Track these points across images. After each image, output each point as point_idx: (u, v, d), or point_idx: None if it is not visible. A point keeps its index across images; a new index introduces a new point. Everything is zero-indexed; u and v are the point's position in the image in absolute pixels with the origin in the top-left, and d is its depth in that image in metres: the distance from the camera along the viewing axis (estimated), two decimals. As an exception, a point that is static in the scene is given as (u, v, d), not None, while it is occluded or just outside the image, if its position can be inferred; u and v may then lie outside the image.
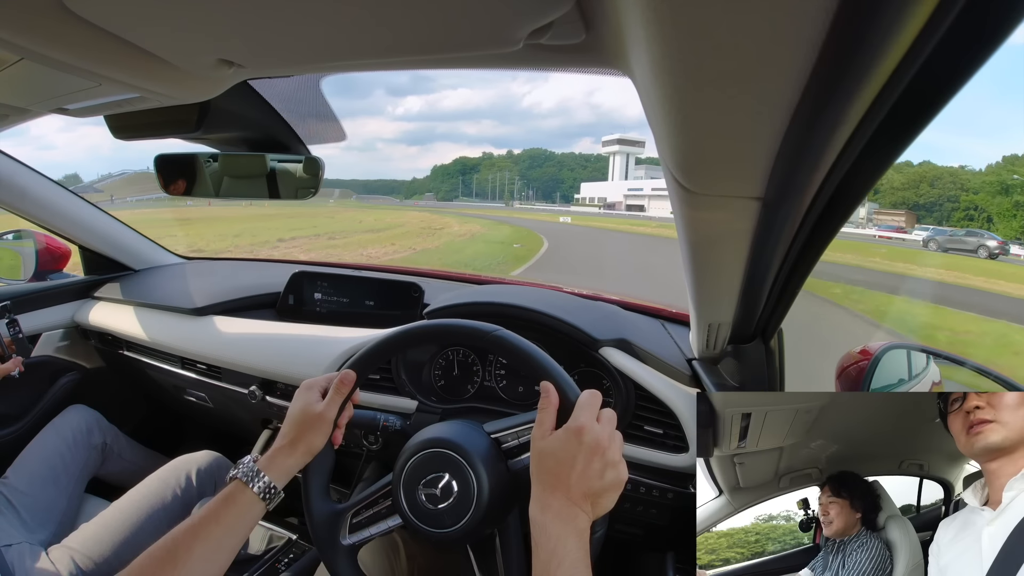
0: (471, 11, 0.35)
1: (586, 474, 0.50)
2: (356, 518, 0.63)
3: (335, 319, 1.17)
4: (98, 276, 1.44)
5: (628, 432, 0.88)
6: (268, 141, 0.83)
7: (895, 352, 0.73)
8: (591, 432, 0.51)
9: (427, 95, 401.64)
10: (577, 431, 0.51)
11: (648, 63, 0.29)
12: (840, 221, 0.42)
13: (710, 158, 0.35)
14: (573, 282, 1.28)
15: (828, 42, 0.23)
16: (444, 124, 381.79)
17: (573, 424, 0.52)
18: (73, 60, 0.47)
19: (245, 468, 0.57)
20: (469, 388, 1.02)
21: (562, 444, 0.51)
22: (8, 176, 1.19)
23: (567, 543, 0.47)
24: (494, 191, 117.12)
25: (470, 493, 0.57)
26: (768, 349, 0.75)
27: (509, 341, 0.62)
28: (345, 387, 0.63)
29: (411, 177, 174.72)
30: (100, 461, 1.21)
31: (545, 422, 0.54)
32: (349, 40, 0.42)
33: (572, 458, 0.50)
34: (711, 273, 0.58)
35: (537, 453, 0.53)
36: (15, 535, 0.95)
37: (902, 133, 0.30)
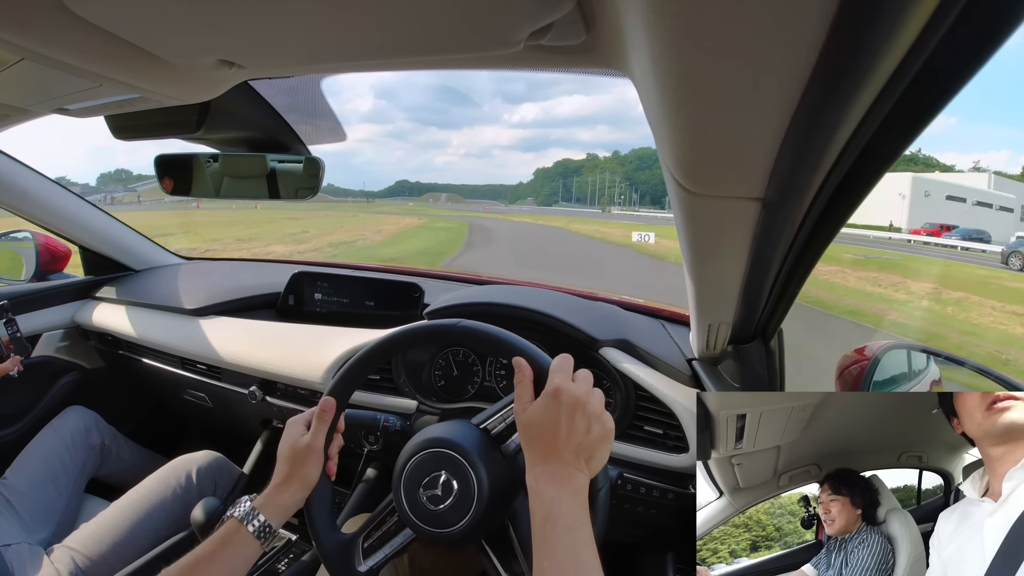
0: (471, 12, 0.36)
1: (572, 433, 0.51)
2: (367, 542, 0.63)
3: (335, 319, 1.17)
4: (98, 276, 1.44)
5: (628, 433, 0.88)
6: (268, 141, 0.82)
7: (895, 352, 0.73)
8: (567, 392, 0.52)
9: (543, 102, 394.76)
10: (554, 394, 0.52)
11: (648, 64, 0.29)
12: (840, 221, 0.42)
13: (710, 159, 0.35)
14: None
15: (828, 43, 0.23)
16: (558, 130, 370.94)
17: (549, 389, 0.53)
18: (74, 60, 0.47)
19: (242, 508, 0.58)
20: (469, 388, 1.02)
21: (543, 410, 0.52)
22: (8, 176, 1.19)
23: (561, 503, 0.48)
24: (593, 195, 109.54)
25: (470, 487, 0.57)
26: (768, 349, 0.75)
27: (474, 329, 0.62)
28: (327, 415, 0.63)
29: (517, 182, 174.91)
30: (99, 462, 1.21)
31: (523, 395, 0.55)
32: (349, 41, 0.42)
33: (555, 421, 0.51)
34: (711, 273, 0.58)
35: (522, 426, 0.54)
36: (14, 535, 0.95)
37: (902, 133, 0.30)
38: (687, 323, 0.99)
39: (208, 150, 0.86)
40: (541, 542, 0.47)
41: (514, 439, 0.60)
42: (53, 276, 1.43)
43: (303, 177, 0.85)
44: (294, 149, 0.84)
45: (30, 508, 1.02)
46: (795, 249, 0.47)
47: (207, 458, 1.14)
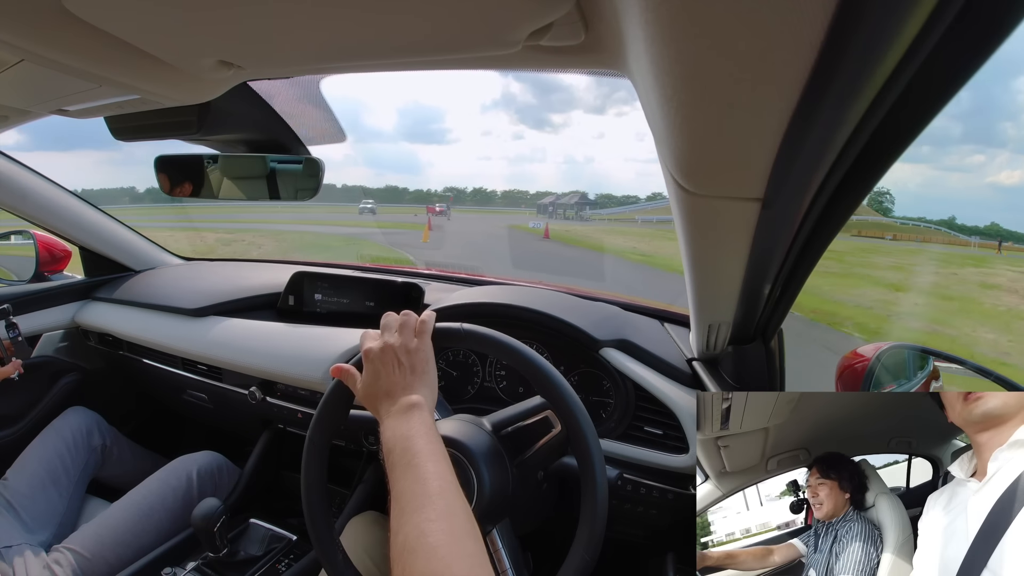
0: (471, 13, 0.35)
1: (391, 378, 0.56)
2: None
3: (335, 319, 1.17)
4: (98, 277, 1.44)
5: (628, 433, 0.88)
6: (268, 142, 0.83)
7: (894, 352, 0.73)
8: (373, 351, 0.58)
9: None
10: (364, 357, 0.58)
11: (648, 64, 0.29)
12: (840, 222, 0.42)
13: (710, 159, 0.35)
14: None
15: (827, 43, 0.23)
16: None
17: (359, 356, 0.59)
18: (73, 62, 0.47)
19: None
20: (469, 389, 1.02)
21: (365, 378, 0.58)
22: (9, 177, 1.19)
23: (412, 436, 0.50)
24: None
25: (471, 492, 0.57)
26: (768, 350, 0.75)
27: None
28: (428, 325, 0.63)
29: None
30: (100, 463, 1.21)
31: (357, 380, 0.60)
32: (348, 41, 0.42)
33: (375, 377, 0.57)
34: (711, 274, 0.58)
35: (361, 400, 0.58)
36: (15, 536, 0.95)
37: (902, 133, 0.30)
38: (687, 323, 0.99)
39: (208, 151, 0.86)
40: (391, 471, 0.49)
41: (525, 456, 0.60)
42: (53, 277, 1.43)
43: (303, 177, 0.85)
44: (294, 149, 0.84)
45: (31, 510, 1.02)
46: (795, 249, 0.47)
47: (207, 458, 1.14)
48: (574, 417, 0.57)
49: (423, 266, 2.16)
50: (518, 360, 0.60)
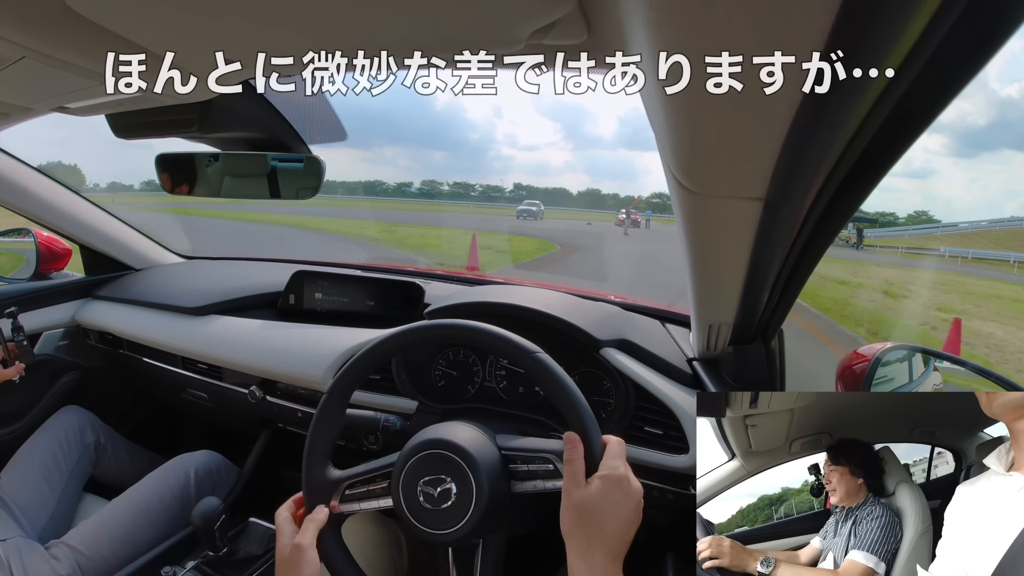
0: (473, 12, 0.36)
1: (632, 524, 0.49)
2: (350, 490, 0.62)
3: (336, 319, 1.17)
4: (99, 275, 1.44)
5: (629, 433, 0.88)
6: (270, 141, 0.82)
7: (895, 353, 0.73)
8: (634, 481, 0.50)
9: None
10: (618, 481, 0.49)
11: (649, 63, 0.29)
12: (841, 222, 0.42)
13: (711, 159, 0.35)
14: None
15: (830, 42, 0.23)
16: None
17: (613, 474, 0.50)
18: (75, 59, 0.47)
19: None
20: (469, 388, 1.02)
21: (604, 495, 0.49)
22: (9, 174, 1.19)
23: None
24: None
25: (468, 502, 0.56)
26: (769, 350, 0.75)
27: (548, 369, 0.60)
28: (319, 519, 0.59)
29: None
30: (94, 459, 1.20)
31: (578, 473, 0.51)
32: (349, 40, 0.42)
33: (616, 509, 0.49)
34: (712, 273, 0.58)
35: (576, 505, 0.50)
36: (10, 530, 0.95)
37: (904, 133, 0.30)
38: (687, 323, 0.99)
39: (209, 149, 0.86)
40: None
41: (526, 486, 0.59)
42: (53, 275, 1.43)
43: (304, 176, 0.85)
44: (295, 148, 0.84)
45: (23, 505, 1.02)
46: (796, 249, 0.47)
47: (206, 457, 1.14)
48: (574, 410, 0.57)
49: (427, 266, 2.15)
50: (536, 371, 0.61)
